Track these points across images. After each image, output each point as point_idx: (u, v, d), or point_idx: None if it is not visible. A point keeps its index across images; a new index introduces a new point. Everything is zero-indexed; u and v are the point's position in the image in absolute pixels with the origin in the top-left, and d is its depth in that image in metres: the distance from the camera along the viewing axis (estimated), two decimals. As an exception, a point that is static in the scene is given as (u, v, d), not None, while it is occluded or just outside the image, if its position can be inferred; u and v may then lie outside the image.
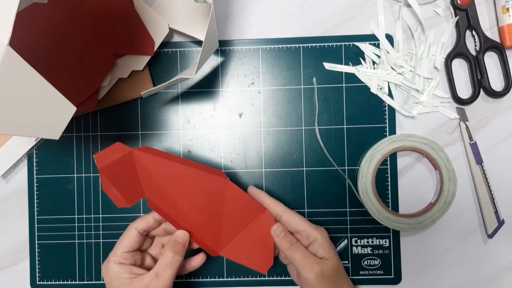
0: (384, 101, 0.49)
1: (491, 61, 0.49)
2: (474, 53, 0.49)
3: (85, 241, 0.50)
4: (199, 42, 0.50)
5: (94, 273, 0.50)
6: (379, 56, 0.49)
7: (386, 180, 0.49)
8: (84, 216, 0.50)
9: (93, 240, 0.50)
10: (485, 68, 0.48)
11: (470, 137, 0.48)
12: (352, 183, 0.48)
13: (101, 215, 0.50)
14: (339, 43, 0.49)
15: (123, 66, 0.47)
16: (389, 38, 0.49)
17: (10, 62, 0.27)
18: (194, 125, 0.50)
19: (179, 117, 0.50)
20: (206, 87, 0.50)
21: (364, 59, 0.49)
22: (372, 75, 0.49)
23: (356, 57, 0.49)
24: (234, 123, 0.50)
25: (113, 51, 0.46)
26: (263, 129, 0.50)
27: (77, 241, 0.50)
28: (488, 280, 0.49)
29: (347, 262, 0.49)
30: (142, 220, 0.42)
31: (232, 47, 0.50)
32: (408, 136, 0.47)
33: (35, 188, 0.50)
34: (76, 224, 0.50)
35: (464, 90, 0.49)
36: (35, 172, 0.50)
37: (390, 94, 0.49)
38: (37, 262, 0.50)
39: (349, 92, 0.49)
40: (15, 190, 0.51)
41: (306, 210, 0.49)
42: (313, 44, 0.49)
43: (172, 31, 0.50)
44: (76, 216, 0.50)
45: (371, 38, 0.49)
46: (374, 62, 0.49)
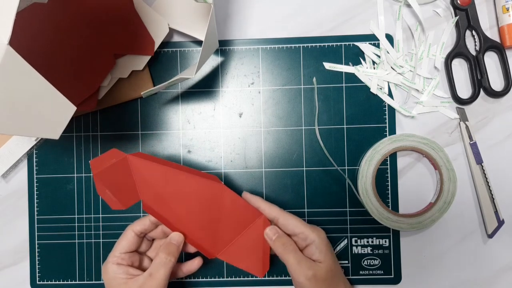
0: (384, 101, 0.49)
1: (491, 61, 0.49)
2: (474, 53, 0.49)
3: (85, 241, 0.50)
4: (199, 42, 0.50)
5: (94, 273, 0.50)
6: (379, 56, 0.49)
7: (386, 180, 0.49)
8: (84, 216, 0.50)
9: (93, 240, 0.50)
10: (485, 68, 0.48)
11: (470, 137, 0.48)
12: (352, 183, 0.48)
13: (101, 215, 0.50)
14: (339, 43, 0.49)
15: (123, 66, 0.47)
16: (389, 38, 0.49)
17: (10, 62, 0.27)
18: (194, 125, 0.50)
19: (179, 117, 0.50)
20: (206, 87, 0.50)
21: (364, 59, 0.49)
22: (372, 75, 0.49)
23: (356, 57, 0.49)
24: (234, 123, 0.50)
25: (113, 51, 0.46)
26: (263, 129, 0.50)
27: (77, 241, 0.50)
28: (488, 280, 0.49)
29: (347, 262, 0.49)
30: (139, 222, 0.43)
31: (232, 47, 0.50)
32: (408, 136, 0.47)
33: (35, 188, 0.50)
34: (76, 224, 0.50)
35: (464, 90, 0.49)
36: (35, 172, 0.50)
37: (390, 94, 0.49)
38: (37, 262, 0.50)
39: (349, 92, 0.49)
40: (15, 190, 0.51)
41: (306, 210, 0.49)
42: (313, 44, 0.49)
43: (172, 31, 0.50)
44: (76, 216, 0.50)
45: (371, 38, 0.49)
46: (374, 62, 0.49)
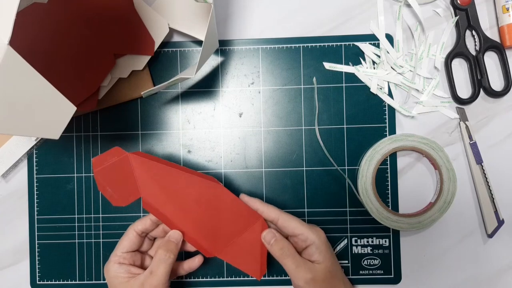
0: (384, 101, 0.49)
1: (491, 61, 0.49)
2: (474, 53, 0.49)
3: (85, 241, 0.50)
4: (199, 42, 0.50)
5: (94, 273, 0.50)
6: (379, 56, 0.49)
7: (386, 180, 0.49)
8: (84, 216, 0.50)
9: (93, 240, 0.50)
10: (485, 68, 0.48)
11: (470, 137, 0.48)
12: (352, 183, 0.48)
13: (101, 215, 0.50)
14: (339, 43, 0.49)
15: (123, 66, 0.47)
16: (389, 38, 0.49)
17: (11, 62, 0.27)
18: (194, 125, 0.50)
19: (179, 117, 0.50)
20: (206, 87, 0.50)
21: (364, 59, 0.49)
22: (372, 75, 0.49)
23: (356, 57, 0.49)
24: (234, 123, 0.50)
25: (113, 51, 0.46)
26: (263, 129, 0.50)
27: (77, 241, 0.50)
28: (488, 280, 0.49)
29: (347, 262, 0.49)
30: (140, 222, 0.43)
31: (232, 47, 0.50)
32: (408, 136, 0.47)
33: (35, 188, 0.50)
34: (76, 224, 0.50)
35: (464, 90, 0.49)
36: (35, 172, 0.50)
37: (390, 94, 0.49)
38: (37, 262, 0.50)
39: (349, 92, 0.49)
40: (15, 190, 0.51)
41: (306, 210, 0.49)
42: (313, 44, 0.49)
43: (172, 31, 0.50)
44: (76, 216, 0.50)
45: (371, 38, 0.49)
46: (374, 62, 0.49)
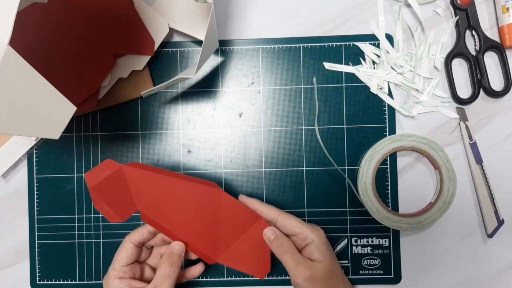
0: (384, 101, 0.49)
1: (491, 61, 0.49)
2: (474, 53, 0.49)
3: (85, 241, 0.50)
4: (199, 42, 0.50)
5: (94, 273, 0.50)
6: (379, 56, 0.49)
7: (386, 180, 0.49)
8: (84, 216, 0.50)
9: (93, 240, 0.50)
10: (485, 68, 0.48)
11: (470, 137, 0.48)
12: (352, 183, 0.48)
13: (101, 215, 0.50)
14: (339, 43, 0.49)
15: (123, 66, 0.47)
16: (389, 38, 0.49)
17: (11, 62, 0.27)
18: (194, 125, 0.50)
19: (179, 117, 0.50)
20: (206, 87, 0.50)
21: (364, 59, 0.49)
22: (372, 75, 0.49)
23: (356, 57, 0.49)
24: (234, 123, 0.50)
25: (113, 51, 0.46)
26: (263, 129, 0.50)
27: (77, 241, 0.50)
28: (488, 280, 0.49)
29: (347, 262, 0.49)
30: (137, 233, 0.42)
31: (232, 47, 0.50)
32: (408, 136, 0.47)
33: (35, 188, 0.50)
34: (76, 224, 0.50)
35: (464, 90, 0.49)
36: (35, 172, 0.50)
37: (390, 94, 0.49)
38: (37, 262, 0.50)
39: (349, 92, 0.49)
40: (15, 190, 0.51)
41: (306, 210, 0.49)
42: (313, 44, 0.49)
43: (172, 31, 0.50)
44: (76, 216, 0.50)
45: (371, 38, 0.49)
46: (374, 62, 0.49)
